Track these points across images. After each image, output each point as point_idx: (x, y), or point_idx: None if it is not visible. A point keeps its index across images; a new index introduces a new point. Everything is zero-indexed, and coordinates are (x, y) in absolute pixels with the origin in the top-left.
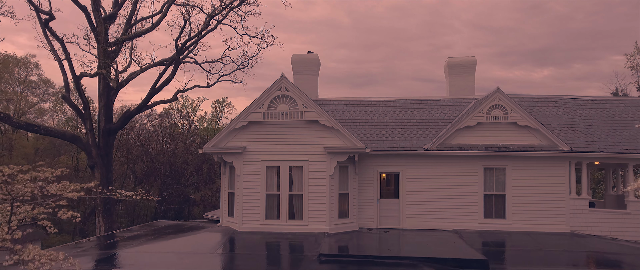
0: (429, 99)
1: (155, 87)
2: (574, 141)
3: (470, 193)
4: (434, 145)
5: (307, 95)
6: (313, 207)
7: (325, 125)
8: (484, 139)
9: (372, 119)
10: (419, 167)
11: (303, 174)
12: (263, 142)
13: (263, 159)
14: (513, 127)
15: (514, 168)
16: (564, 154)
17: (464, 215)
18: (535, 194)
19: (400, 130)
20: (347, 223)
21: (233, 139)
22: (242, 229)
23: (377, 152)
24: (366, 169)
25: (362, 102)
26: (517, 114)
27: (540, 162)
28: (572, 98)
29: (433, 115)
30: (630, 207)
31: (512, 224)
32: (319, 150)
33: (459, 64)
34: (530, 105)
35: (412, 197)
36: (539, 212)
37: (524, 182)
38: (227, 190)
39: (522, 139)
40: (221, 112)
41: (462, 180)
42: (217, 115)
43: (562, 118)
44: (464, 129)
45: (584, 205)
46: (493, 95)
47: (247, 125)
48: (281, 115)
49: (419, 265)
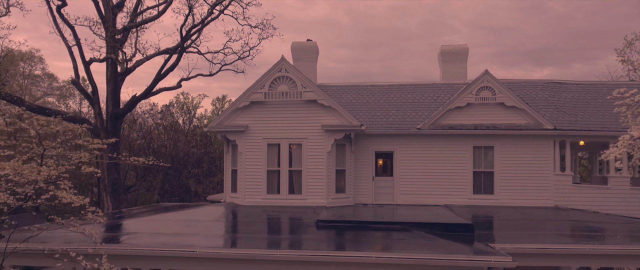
0: (423, 83)
1: (161, 72)
2: (558, 121)
3: (460, 170)
4: (426, 125)
5: (306, 76)
6: (311, 182)
7: (323, 105)
8: (474, 119)
9: (368, 101)
10: (412, 146)
11: (302, 151)
12: (264, 121)
13: (264, 137)
14: (501, 107)
15: (501, 146)
16: (549, 132)
17: (455, 191)
18: (521, 171)
19: (395, 112)
20: (344, 198)
21: (236, 118)
22: (244, 203)
23: (373, 132)
24: (362, 148)
25: (358, 86)
26: (505, 95)
27: (526, 140)
28: (558, 82)
29: (426, 98)
30: (610, 182)
31: (499, 199)
32: (317, 128)
33: (451, 52)
34: (518, 88)
35: (405, 174)
36: (525, 187)
37: (511, 159)
38: (230, 167)
39: (509, 118)
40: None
41: (453, 158)
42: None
43: (548, 100)
44: (454, 110)
45: (567, 181)
46: (482, 78)
47: (249, 105)
48: (281, 95)
49: (410, 229)
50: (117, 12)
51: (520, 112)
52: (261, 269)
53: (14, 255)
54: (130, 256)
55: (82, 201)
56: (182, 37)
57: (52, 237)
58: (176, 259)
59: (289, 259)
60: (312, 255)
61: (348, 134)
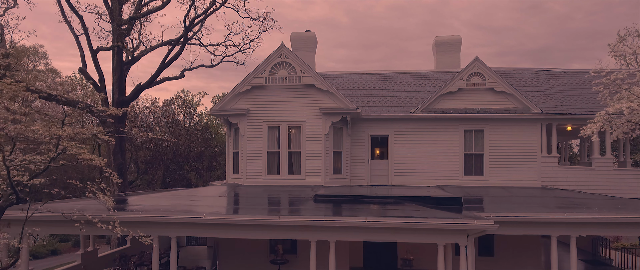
0: (417, 71)
1: (165, 61)
2: (545, 105)
3: (451, 153)
4: (419, 110)
5: (304, 61)
6: (310, 163)
7: (321, 89)
8: (465, 104)
9: (364, 88)
10: (406, 130)
11: (301, 133)
12: (265, 105)
13: (265, 120)
14: (490, 92)
15: (491, 130)
16: (536, 116)
17: (446, 173)
18: (510, 153)
19: (390, 98)
20: (341, 179)
21: (238, 102)
22: (246, 183)
23: (368, 116)
24: (358, 132)
25: (355, 74)
26: (494, 80)
27: (515, 124)
28: (546, 70)
29: (420, 85)
30: (595, 163)
31: (489, 180)
32: (315, 111)
33: (445, 42)
34: (508, 75)
35: (399, 157)
36: (513, 169)
37: (500, 142)
38: (232, 150)
39: (498, 103)
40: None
41: (445, 141)
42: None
43: (536, 87)
44: (446, 95)
45: (553, 163)
46: (472, 64)
47: (250, 89)
48: (281, 80)
49: (402, 202)
50: (123, 2)
51: (509, 97)
52: (262, 234)
53: (34, 224)
54: (141, 222)
55: (101, 162)
56: (185, 27)
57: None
58: (183, 224)
59: (288, 224)
60: (310, 220)
61: (345, 117)
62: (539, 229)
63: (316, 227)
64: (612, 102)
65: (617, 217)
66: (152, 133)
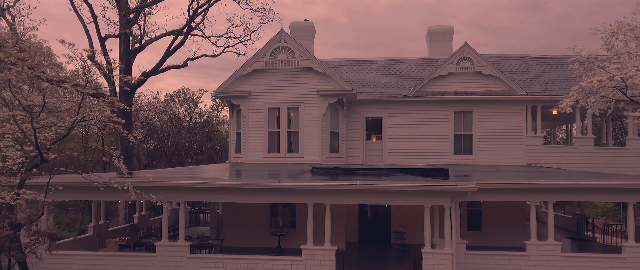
0: (411, 58)
1: (170, 49)
2: (530, 88)
3: (442, 133)
4: (411, 93)
5: (303, 46)
6: (308, 142)
7: (318, 72)
8: (454, 87)
9: (360, 74)
10: (399, 112)
11: (299, 114)
12: (265, 87)
13: (265, 102)
14: (479, 76)
15: (479, 111)
16: (521, 97)
17: (437, 152)
18: (497, 133)
19: (384, 82)
20: (337, 157)
21: (240, 84)
22: (247, 161)
23: (363, 98)
24: (354, 114)
25: (351, 61)
26: (482, 64)
27: (502, 105)
28: (533, 57)
29: (413, 70)
30: (576, 142)
31: (478, 159)
32: (313, 93)
33: (438, 32)
34: (496, 61)
35: (393, 137)
36: (500, 148)
37: (487, 123)
38: (234, 131)
39: (486, 86)
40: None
41: (436, 122)
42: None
43: (523, 72)
44: (437, 79)
45: (538, 142)
46: (462, 49)
47: (251, 72)
48: (281, 63)
49: (394, 173)
50: None
51: (496, 80)
52: (263, 198)
53: (58, 194)
54: (152, 187)
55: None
56: (189, 15)
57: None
58: (190, 189)
59: (287, 188)
60: (307, 183)
61: (341, 99)
62: (519, 195)
63: (313, 191)
64: (586, 78)
65: (590, 182)
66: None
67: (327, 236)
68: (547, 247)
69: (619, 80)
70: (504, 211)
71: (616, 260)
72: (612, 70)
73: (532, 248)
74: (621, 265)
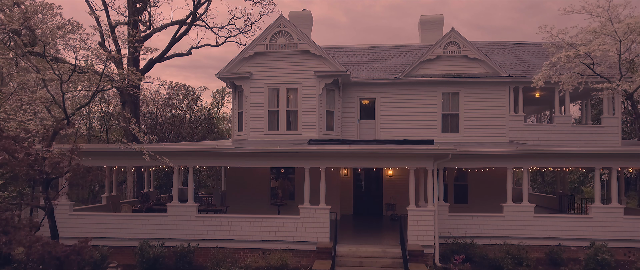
0: (404, 45)
1: (175, 36)
2: (512, 70)
3: (431, 113)
4: (402, 75)
5: (301, 30)
6: (306, 120)
7: (315, 54)
8: (442, 70)
9: (354, 59)
10: (391, 93)
11: (298, 93)
12: (266, 69)
13: (266, 83)
14: (465, 59)
15: (465, 92)
16: (504, 79)
17: (426, 131)
18: (482, 113)
19: (377, 66)
20: (333, 135)
21: (242, 66)
22: (249, 138)
23: (357, 80)
24: (348, 95)
25: (346, 48)
26: (468, 48)
27: (486, 86)
28: (516, 43)
29: (405, 55)
30: (556, 121)
31: (464, 137)
32: (310, 74)
33: (429, 21)
34: (482, 47)
35: (385, 117)
36: (484, 126)
37: (473, 103)
38: (237, 111)
39: (472, 69)
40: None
41: (425, 103)
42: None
43: (507, 56)
44: (426, 62)
45: (520, 121)
46: (449, 34)
47: (253, 55)
48: (280, 46)
49: (384, 143)
50: None
51: (481, 63)
52: (264, 162)
53: (80, 154)
54: (165, 152)
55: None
56: (194, 4)
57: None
58: (199, 154)
59: (286, 152)
60: (304, 148)
61: (336, 80)
62: (496, 161)
63: (309, 154)
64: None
65: (560, 149)
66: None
67: (322, 197)
68: (522, 208)
69: (583, 55)
70: (488, 185)
71: (584, 220)
72: (578, 46)
73: (508, 209)
74: (588, 224)
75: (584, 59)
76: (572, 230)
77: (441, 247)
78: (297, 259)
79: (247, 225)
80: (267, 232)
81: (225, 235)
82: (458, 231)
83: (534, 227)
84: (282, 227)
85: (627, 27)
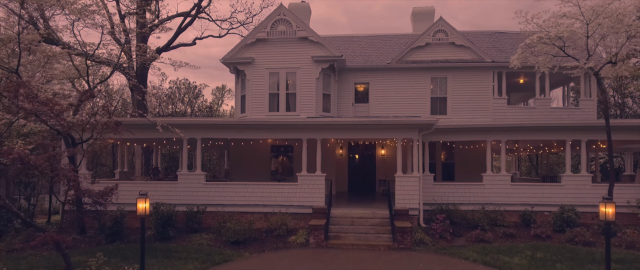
0: (396, 34)
1: (181, 27)
2: (496, 57)
3: (421, 96)
4: (394, 61)
5: (299, 18)
6: (304, 102)
7: (312, 41)
8: (431, 56)
9: (350, 46)
10: (384, 78)
11: (296, 77)
12: (267, 54)
13: (267, 67)
14: (452, 46)
15: (453, 77)
16: (488, 64)
17: (416, 113)
18: (468, 96)
19: (371, 53)
20: (329, 116)
21: (245, 52)
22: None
23: (352, 66)
24: (344, 80)
25: (343, 37)
26: (455, 36)
27: (472, 71)
28: (502, 32)
29: (397, 44)
30: (536, 104)
31: (451, 119)
32: (308, 59)
33: (421, 13)
34: (470, 36)
35: (378, 100)
36: (470, 109)
37: (460, 87)
38: (240, 94)
39: (459, 55)
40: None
41: (415, 87)
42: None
43: (492, 44)
44: (416, 49)
45: (503, 103)
46: (438, 22)
47: (255, 41)
48: (280, 33)
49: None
50: None
51: (467, 49)
52: (266, 134)
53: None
54: (176, 124)
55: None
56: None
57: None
58: (207, 126)
59: (286, 123)
60: (302, 119)
61: (332, 64)
62: (476, 134)
63: (307, 126)
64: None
65: (532, 123)
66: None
67: (318, 165)
68: (500, 177)
69: (554, 37)
70: (472, 163)
71: (555, 187)
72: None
73: (487, 178)
74: (559, 191)
75: (555, 40)
76: (545, 197)
77: (426, 214)
78: (295, 221)
79: (250, 192)
80: (268, 197)
81: (230, 200)
82: (442, 199)
83: (510, 194)
84: (282, 192)
85: (593, 11)
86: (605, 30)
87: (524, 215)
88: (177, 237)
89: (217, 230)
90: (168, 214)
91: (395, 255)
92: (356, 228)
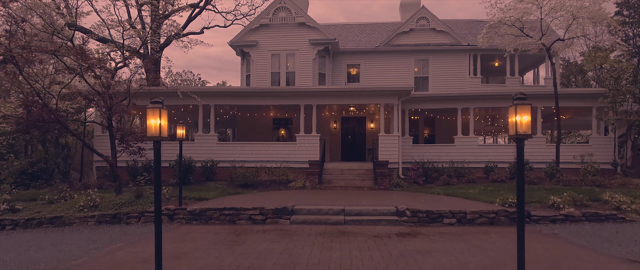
0: (385, 22)
1: (191, 15)
2: (472, 41)
3: (406, 76)
4: (382, 45)
5: (298, 6)
6: (302, 80)
7: (310, 26)
8: (415, 40)
9: (343, 33)
10: (373, 60)
11: (295, 58)
12: (269, 38)
13: (269, 49)
14: (433, 31)
15: (434, 59)
16: (464, 47)
17: None
18: (447, 75)
19: (362, 38)
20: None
21: (249, 36)
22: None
23: (345, 49)
24: (337, 62)
25: (337, 25)
26: (436, 22)
27: (451, 54)
28: (478, 21)
29: (386, 31)
30: (507, 82)
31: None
32: (306, 42)
33: (408, 4)
34: (450, 23)
35: (368, 80)
36: (449, 86)
37: (440, 67)
38: (245, 74)
39: (439, 39)
40: None
41: (401, 68)
42: None
43: (469, 30)
44: (401, 34)
45: (478, 81)
46: (420, 10)
47: (258, 27)
48: (281, 19)
49: None
50: None
51: (446, 34)
52: (270, 100)
53: None
54: (193, 91)
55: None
56: None
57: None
58: (219, 93)
59: (287, 91)
60: (301, 88)
61: (327, 47)
62: (448, 102)
63: (304, 93)
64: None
65: (493, 90)
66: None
67: (313, 127)
68: (469, 139)
69: (515, 19)
70: (449, 132)
71: (512, 147)
72: (509, 12)
73: (458, 140)
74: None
75: (515, 22)
76: (505, 155)
77: (405, 170)
78: (294, 174)
79: (256, 150)
80: (272, 154)
81: (239, 157)
82: (420, 158)
83: (476, 154)
84: (283, 150)
85: None
86: (557, 14)
87: (486, 168)
88: (196, 182)
89: (229, 179)
90: (188, 163)
91: (375, 192)
92: (345, 176)
